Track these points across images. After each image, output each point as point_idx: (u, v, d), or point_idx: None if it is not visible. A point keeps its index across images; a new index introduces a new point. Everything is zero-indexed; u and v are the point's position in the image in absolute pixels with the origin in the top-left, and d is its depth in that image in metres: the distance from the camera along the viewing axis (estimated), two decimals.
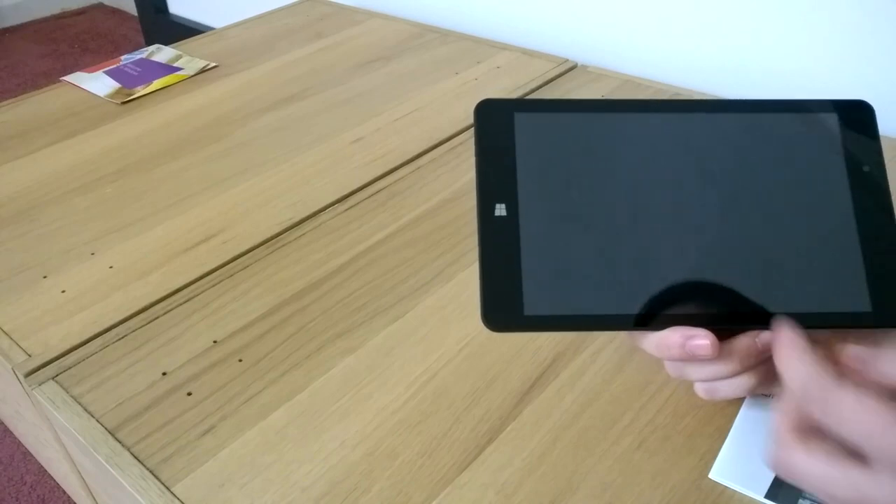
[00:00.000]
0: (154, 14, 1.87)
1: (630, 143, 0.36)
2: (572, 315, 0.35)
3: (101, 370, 0.51)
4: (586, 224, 0.35)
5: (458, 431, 0.46)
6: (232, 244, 0.63)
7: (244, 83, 0.93)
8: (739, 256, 0.35)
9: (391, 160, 0.74)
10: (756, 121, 0.37)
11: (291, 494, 0.42)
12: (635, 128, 0.37)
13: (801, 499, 0.39)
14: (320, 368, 0.51)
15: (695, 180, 0.36)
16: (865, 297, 0.35)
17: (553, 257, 0.35)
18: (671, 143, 0.36)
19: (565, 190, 0.35)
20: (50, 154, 0.79)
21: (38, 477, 1.06)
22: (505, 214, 0.35)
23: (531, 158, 0.35)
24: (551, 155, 0.35)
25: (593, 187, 0.35)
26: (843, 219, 0.35)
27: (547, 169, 0.35)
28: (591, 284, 0.35)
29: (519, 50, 0.97)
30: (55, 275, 0.61)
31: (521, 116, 0.35)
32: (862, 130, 0.37)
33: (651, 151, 0.36)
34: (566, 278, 0.35)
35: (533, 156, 0.35)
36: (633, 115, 0.37)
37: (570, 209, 0.35)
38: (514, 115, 0.36)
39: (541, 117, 0.35)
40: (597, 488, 0.42)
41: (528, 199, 0.35)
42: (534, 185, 0.35)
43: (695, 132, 0.37)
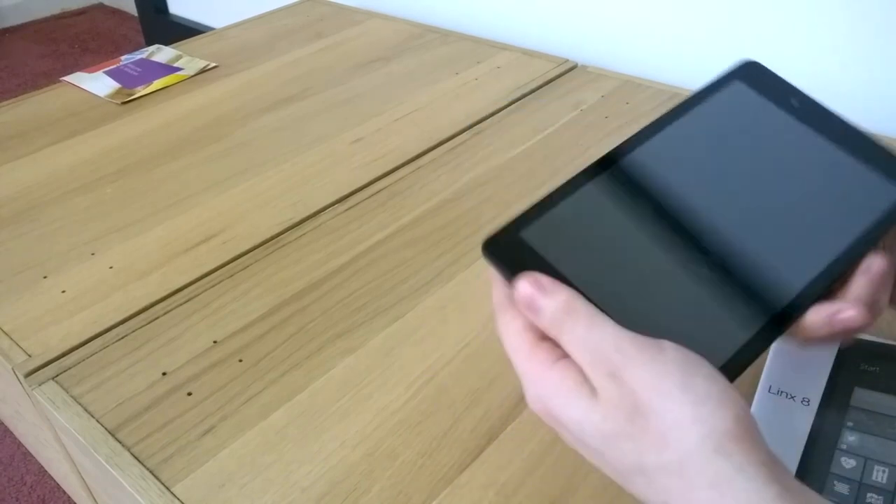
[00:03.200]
0: (154, 14, 1.87)
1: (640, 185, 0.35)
2: None
3: (101, 370, 0.51)
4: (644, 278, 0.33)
5: (458, 431, 0.46)
6: (232, 244, 0.63)
7: (244, 83, 0.93)
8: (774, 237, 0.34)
9: (391, 160, 0.74)
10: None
11: (291, 494, 0.42)
12: (635, 168, 0.36)
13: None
14: (320, 368, 0.51)
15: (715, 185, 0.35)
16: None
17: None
18: (670, 162, 0.36)
19: (612, 263, 0.33)
20: (50, 154, 0.79)
21: (38, 477, 1.06)
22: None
23: (563, 258, 0.32)
24: (578, 241, 0.33)
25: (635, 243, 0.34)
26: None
27: (583, 256, 0.34)
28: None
29: (519, 50, 0.97)
30: (55, 275, 0.61)
31: (527, 233, 0.33)
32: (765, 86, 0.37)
33: (664, 179, 0.35)
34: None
35: (563, 254, 0.32)
36: (622, 161, 0.36)
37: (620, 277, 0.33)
38: (522, 235, 0.34)
39: (544, 220, 0.34)
40: (597, 488, 0.42)
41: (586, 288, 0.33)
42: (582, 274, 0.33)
43: (682, 144, 0.36)
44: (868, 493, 0.39)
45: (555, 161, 0.72)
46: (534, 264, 0.31)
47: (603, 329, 0.27)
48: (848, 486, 0.40)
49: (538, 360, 0.28)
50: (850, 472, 0.40)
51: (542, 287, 0.28)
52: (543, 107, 0.83)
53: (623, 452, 0.26)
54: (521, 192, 0.68)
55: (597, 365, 0.26)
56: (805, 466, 0.41)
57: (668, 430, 0.25)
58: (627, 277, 0.31)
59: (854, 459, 0.41)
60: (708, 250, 0.33)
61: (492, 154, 0.74)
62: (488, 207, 0.66)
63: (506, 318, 0.30)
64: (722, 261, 0.32)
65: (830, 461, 0.41)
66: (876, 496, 0.39)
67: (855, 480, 0.40)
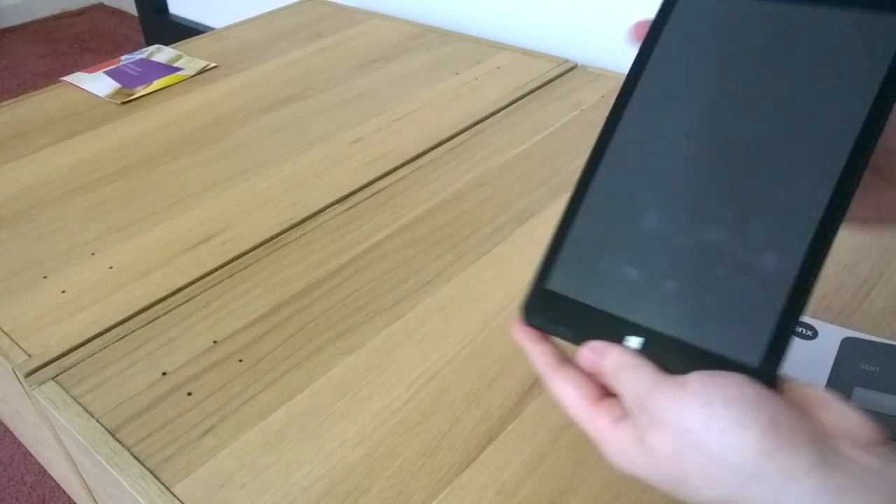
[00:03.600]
0: (154, 14, 1.87)
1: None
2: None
3: (101, 370, 0.51)
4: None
5: (458, 431, 0.46)
6: (232, 244, 0.63)
7: (244, 83, 0.93)
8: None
9: (391, 160, 0.74)
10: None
11: (291, 494, 0.42)
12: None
13: None
14: (320, 368, 0.51)
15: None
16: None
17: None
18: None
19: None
20: (50, 154, 0.79)
21: (39, 477, 1.06)
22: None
23: (594, 288, 0.31)
24: (602, 262, 0.32)
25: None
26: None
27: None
28: None
29: (519, 50, 0.97)
30: (55, 275, 0.61)
31: (553, 283, 0.33)
32: None
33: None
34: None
35: (593, 283, 0.31)
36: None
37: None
38: (549, 288, 0.33)
39: (562, 262, 0.33)
40: (597, 488, 0.42)
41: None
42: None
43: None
44: None
45: (555, 161, 0.72)
46: (572, 310, 0.31)
47: (641, 381, 0.28)
48: None
49: (601, 424, 0.29)
50: None
51: (598, 351, 0.30)
52: (543, 107, 0.83)
53: (690, 493, 0.27)
54: (521, 192, 0.68)
55: (641, 416, 0.28)
56: None
57: (710, 470, 0.26)
58: (657, 265, 0.30)
59: None
60: (734, 185, 0.30)
61: (492, 154, 0.74)
62: (488, 207, 0.66)
63: (559, 384, 0.31)
64: (748, 196, 0.29)
65: None
66: None
67: None
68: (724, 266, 0.29)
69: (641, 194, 0.32)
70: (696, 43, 0.33)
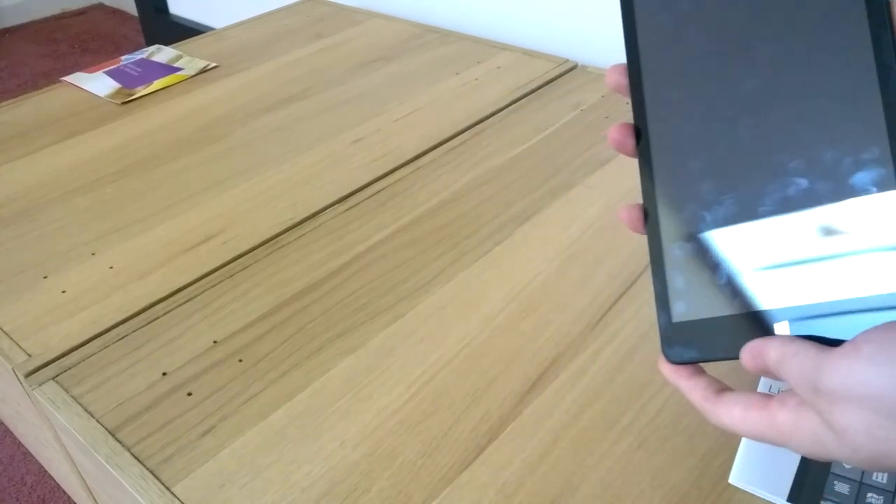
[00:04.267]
0: (154, 14, 1.87)
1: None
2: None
3: (101, 370, 0.51)
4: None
5: (458, 431, 0.46)
6: (232, 244, 0.63)
7: (244, 83, 0.93)
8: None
9: (391, 160, 0.74)
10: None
11: (291, 494, 0.42)
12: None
13: (822, 500, 0.39)
14: (320, 368, 0.51)
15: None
16: None
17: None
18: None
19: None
20: (50, 154, 0.79)
21: (39, 477, 1.06)
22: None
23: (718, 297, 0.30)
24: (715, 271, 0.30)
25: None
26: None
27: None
28: None
29: (519, 50, 0.97)
30: (55, 275, 0.61)
31: (676, 313, 0.31)
32: None
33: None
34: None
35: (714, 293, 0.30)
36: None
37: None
38: (676, 322, 0.31)
39: (674, 289, 0.31)
40: (597, 488, 0.42)
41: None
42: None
43: None
44: (868, 492, 0.39)
45: (555, 161, 0.72)
46: (710, 330, 0.30)
47: (807, 363, 0.26)
48: (848, 486, 0.40)
49: (781, 420, 0.27)
50: (851, 472, 0.40)
51: (756, 351, 0.28)
52: (543, 107, 0.83)
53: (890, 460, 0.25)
54: (521, 192, 0.68)
55: (819, 399, 0.25)
56: (806, 466, 0.41)
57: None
58: (765, 247, 0.29)
59: None
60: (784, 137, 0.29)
61: (492, 154, 0.74)
62: (488, 207, 0.66)
63: (722, 413, 0.29)
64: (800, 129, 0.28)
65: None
66: (876, 496, 0.39)
67: (855, 480, 0.40)
68: (827, 213, 0.27)
69: (710, 189, 0.30)
70: (676, 19, 0.32)
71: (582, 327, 0.53)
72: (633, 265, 0.58)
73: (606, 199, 0.66)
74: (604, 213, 0.64)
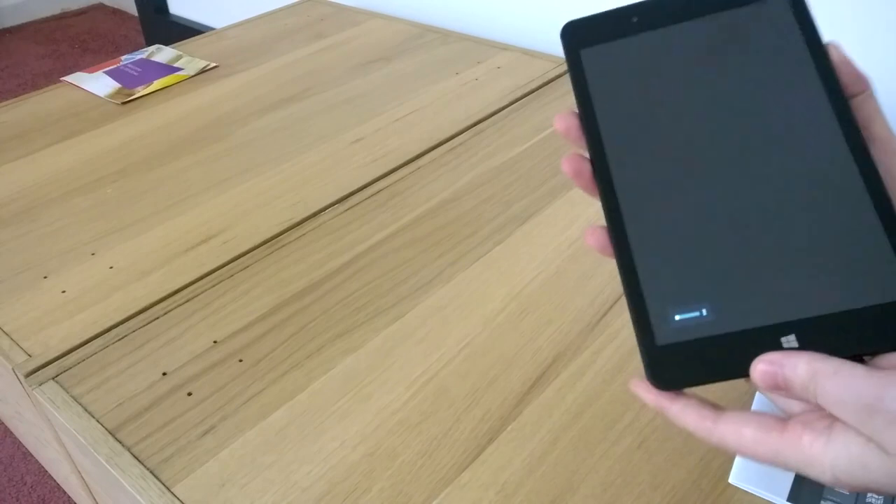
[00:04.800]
0: (154, 14, 1.87)
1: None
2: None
3: (101, 370, 0.51)
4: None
5: (458, 431, 0.46)
6: (232, 244, 0.63)
7: (244, 83, 0.93)
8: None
9: (391, 160, 0.74)
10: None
11: (291, 494, 0.42)
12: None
13: (822, 500, 0.39)
14: (320, 368, 0.51)
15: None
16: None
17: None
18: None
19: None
20: (50, 154, 0.79)
21: (39, 477, 1.06)
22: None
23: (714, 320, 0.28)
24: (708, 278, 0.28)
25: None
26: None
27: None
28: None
29: (519, 50, 0.97)
30: (55, 275, 0.61)
31: (661, 336, 0.28)
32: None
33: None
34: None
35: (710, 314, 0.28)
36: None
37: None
38: (660, 344, 0.28)
39: (655, 313, 0.28)
40: (597, 488, 0.42)
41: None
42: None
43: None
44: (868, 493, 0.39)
45: (555, 161, 0.72)
46: (700, 350, 0.27)
47: (852, 383, 0.24)
48: None
49: (806, 444, 0.25)
50: None
51: (778, 363, 0.26)
52: (543, 107, 0.83)
53: None
54: (521, 192, 0.68)
55: (870, 421, 0.24)
56: None
57: None
58: (746, 259, 0.27)
59: None
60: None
61: (492, 154, 0.74)
62: (488, 207, 0.66)
63: (728, 433, 0.27)
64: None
65: None
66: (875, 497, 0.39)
67: None
68: (807, 229, 0.27)
69: (681, 210, 0.29)
70: (629, 91, 0.33)
71: (582, 327, 0.53)
72: None
73: None
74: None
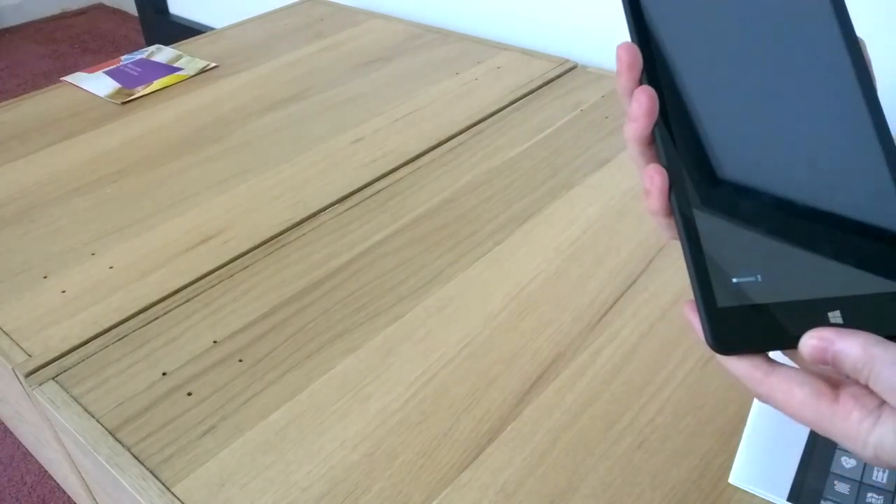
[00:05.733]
0: (154, 14, 1.87)
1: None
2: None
3: (101, 370, 0.51)
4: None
5: (458, 431, 0.46)
6: (232, 244, 0.63)
7: (244, 83, 0.93)
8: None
9: (391, 160, 0.74)
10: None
11: (291, 494, 0.42)
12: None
13: (822, 500, 0.39)
14: (320, 368, 0.51)
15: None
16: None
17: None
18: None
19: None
20: (50, 154, 0.79)
21: (39, 477, 1.06)
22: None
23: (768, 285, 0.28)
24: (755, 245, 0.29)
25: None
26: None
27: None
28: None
29: (519, 50, 0.97)
30: (55, 275, 0.61)
31: (721, 297, 0.28)
32: None
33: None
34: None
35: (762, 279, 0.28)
36: None
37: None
38: (721, 306, 0.28)
39: (718, 269, 0.29)
40: (597, 488, 0.42)
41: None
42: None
43: None
44: (868, 492, 0.39)
45: (555, 161, 0.72)
46: (757, 316, 0.27)
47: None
48: (848, 486, 0.40)
49: (854, 420, 0.26)
50: (851, 472, 0.40)
51: (830, 340, 0.26)
52: (543, 107, 0.83)
53: None
54: (521, 192, 0.68)
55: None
56: (806, 465, 0.41)
57: None
58: (800, 231, 0.28)
59: (854, 459, 0.41)
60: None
61: (492, 154, 0.74)
62: (488, 207, 0.66)
63: (779, 387, 0.27)
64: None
65: (831, 460, 0.41)
66: (876, 496, 0.39)
67: (855, 480, 0.40)
68: (858, 209, 0.28)
69: (739, 170, 0.29)
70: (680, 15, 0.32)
71: (582, 327, 0.53)
72: (633, 265, 0.58)
73: (606, 199, 0.66)
74: (604, 213, 0.64)
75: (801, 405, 0.27)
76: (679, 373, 0.48)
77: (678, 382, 0.48)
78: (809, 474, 0.41)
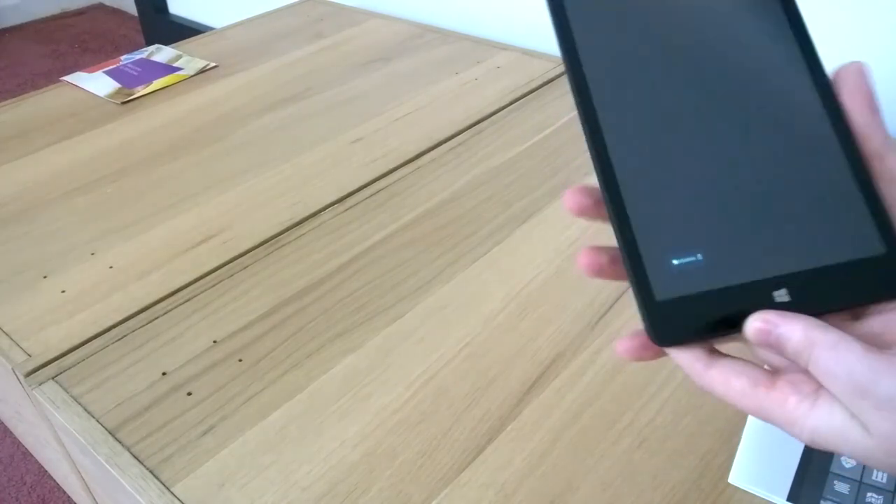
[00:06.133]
0: (154, 14, 1.87)
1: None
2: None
3: (101, 370, 0.51)
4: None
5: (458, 431, 0.46)
6: (232, 244, 0.63)
7: (244, 83, 0.93)
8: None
9: (391, 160, 0.74)
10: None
11: (291, 494, 0.42)
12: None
13: (822, 500, 0.39)
14: (320, 368, 0.51)
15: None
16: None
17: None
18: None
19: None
20: (50, 154, 0.79)
21: (38, 477, 1.06)
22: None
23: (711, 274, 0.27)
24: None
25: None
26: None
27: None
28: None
29: (519, 50, 0.97)
30: (55, 275, 0.61)
31: (659, 291, 0.27)
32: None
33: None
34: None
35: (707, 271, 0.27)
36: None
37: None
38: (660, 300, 0.27)
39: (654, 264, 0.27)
40: (597, 488, 0.42)
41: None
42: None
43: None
44: (868, 492, 0.39)
45: (555, 161, 0.72)
46: (698, 304, 0.26)
47: (849, 361, 0.24)
48: (848, 486, 0.40)
49: (792, 405, 0.26)
50: (850, 472, 0.40)
51: (773, 323, 0.26)
52: (543, 107, 0.83)
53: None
54: (521, 192, 0.68)
55: (857, 400, 0.24)
56: (806, 465, 0.41)
57: None
58: (735, 213, 0.27)
59: (854, 459, 0.41)
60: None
61: (492, 154, 0.74)
62: (488, 207, 0.66)
63: (718, 378, 0.27)
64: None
65: (831, 460, 0.41)
66: (876, 496, 0.39)
67: (855, 480, 0.40)
68: (796, 183, 0.27)
69: (671, 164, 0.28)
70: (614, 40, 0.31)
71: (582, 327, 0.53)
72: None
73: None
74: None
75: (741, 395, 0.27)
76: (679, 373, 0.48)
77: (678, 382, 0.48)
78: (809, 474, 0.41)
